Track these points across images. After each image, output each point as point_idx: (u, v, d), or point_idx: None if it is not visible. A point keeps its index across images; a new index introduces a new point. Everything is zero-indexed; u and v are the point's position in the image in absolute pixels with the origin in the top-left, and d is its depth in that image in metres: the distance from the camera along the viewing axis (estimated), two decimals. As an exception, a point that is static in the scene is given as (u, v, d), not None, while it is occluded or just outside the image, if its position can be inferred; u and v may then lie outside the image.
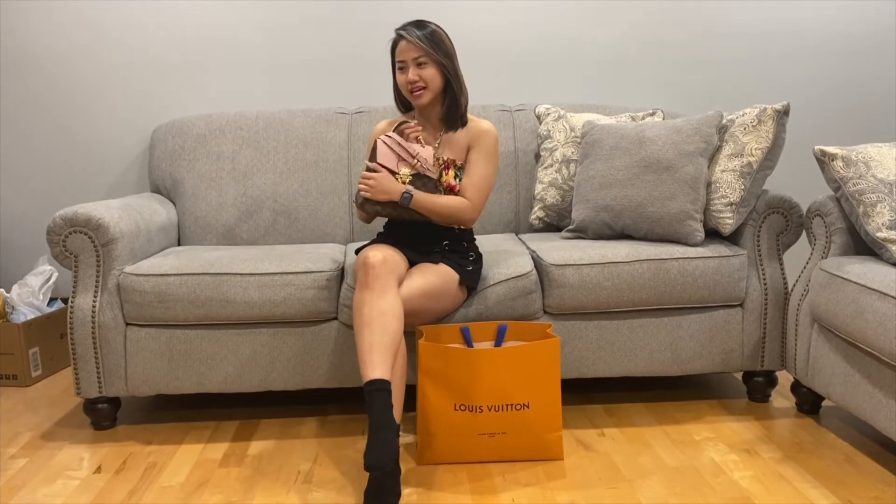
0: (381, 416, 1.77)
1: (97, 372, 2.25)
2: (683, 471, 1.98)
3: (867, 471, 1.96)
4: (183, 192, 2.82)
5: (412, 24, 2.17)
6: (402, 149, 2.14)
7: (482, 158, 2.22)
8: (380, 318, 1.89)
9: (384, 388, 1.80)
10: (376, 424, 1.76)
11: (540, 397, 2.01)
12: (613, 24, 3.12)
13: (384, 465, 1.74)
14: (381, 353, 1.85)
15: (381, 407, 1.78)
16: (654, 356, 2.34)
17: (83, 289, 2.24)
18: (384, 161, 2.14)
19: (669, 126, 2.45)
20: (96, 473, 2.04)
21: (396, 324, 1.90)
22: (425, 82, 2.15)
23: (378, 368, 1.83)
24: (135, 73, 3.05)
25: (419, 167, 2.14)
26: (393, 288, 1.96)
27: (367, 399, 1.80)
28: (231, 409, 2.44)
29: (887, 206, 2.06)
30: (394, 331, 1.89)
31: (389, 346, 1.87)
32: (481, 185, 2.21)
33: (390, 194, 2.10)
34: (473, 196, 2.20)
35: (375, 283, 1.93)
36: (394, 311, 1.91)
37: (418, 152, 2.14)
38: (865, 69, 3.20)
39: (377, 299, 1.91)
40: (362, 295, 1.94)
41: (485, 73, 3.08)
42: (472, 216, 2.21)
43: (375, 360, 1.84)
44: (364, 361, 1.85)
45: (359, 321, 1.91)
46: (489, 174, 2.23)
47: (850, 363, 2.03)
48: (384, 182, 2.11)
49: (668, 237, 2.39)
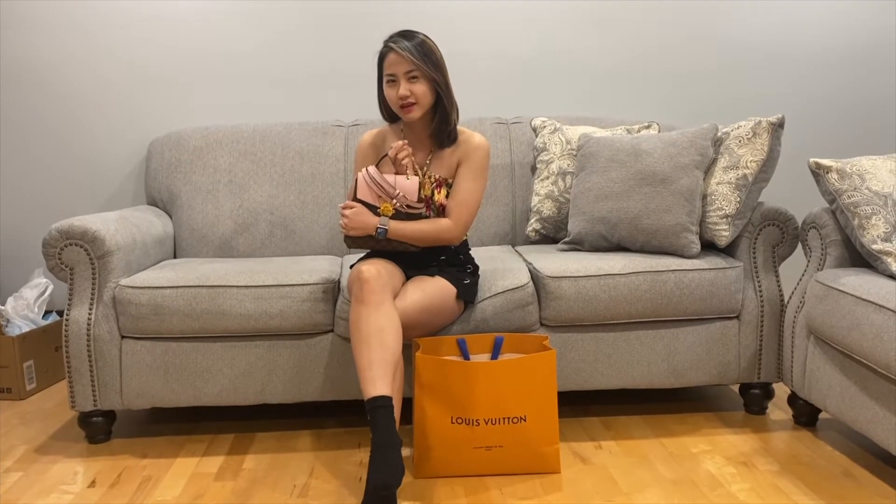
0: (385, 434, 1.75)
1: (92, 385, 2.24)
2: (681, 483, 1.97)
3: (864, 483, 1.95)
4: (179, 205, 2.82)
5: (400, 35, 2.08)
6: (380, 186, 2.05)
7: (470, 175, 2.15)
8: (377, 333, 1.87)
9: (387, 405, 1.78)
10: (381, 443, 1.74)
11: (537, 410, 2.01)
12: (609, 37, 3.13)
13: (392, 487, 1.72)
14: (381, 369, 1.82)
15: (385, 425, 1.76)
16: (651, 368, 2.34)
17: (78, 301, 2.24)
18: (363, 196, 2.06)
19: (665, 139, 2.46)
20: (91, 488, 2.02)
21: (395, 337, 1.88)
22: (416, 98, 2.06)
23: (379, 385, 1.80)
24: (132, 86, 3.05)
25: (398, 206, 2.06)
26: (388, 301, 1.93)
27: (371, 417, 1.78)
28: (227, 423, 2.43)
29: (882, 219, 2.07)
30: (392, 345, 1.87)
31: (389, 361, 1.85)
32: (467, 203, 2.14)
33: (366, 229, 2.04)
34: (457, 214, 2.12)
35: (370, 297, 1.91)
36: (391, 324, 1.89)
37: (398, 190, 2.05)
38: (860, 82, 3.22)
39: (373, 314, 1.89)
40: (358, 310, 1.92)
41: (481, 85, 3.09)
42: (455, 235, 2.14)
43: (376, 376, 1.82)
44: (364, 378, 1.83)
45: (356, 337, 1.89)
46: (476, 190, 2.15)
47: (846, 375, 2.03)
48: (358, 217, 2.04)
49: (665, 249, 2.39)
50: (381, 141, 2.25)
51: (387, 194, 2.05)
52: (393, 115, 2.21)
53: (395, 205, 2.06)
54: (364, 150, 2.26)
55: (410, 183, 2.07)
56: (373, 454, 1.75)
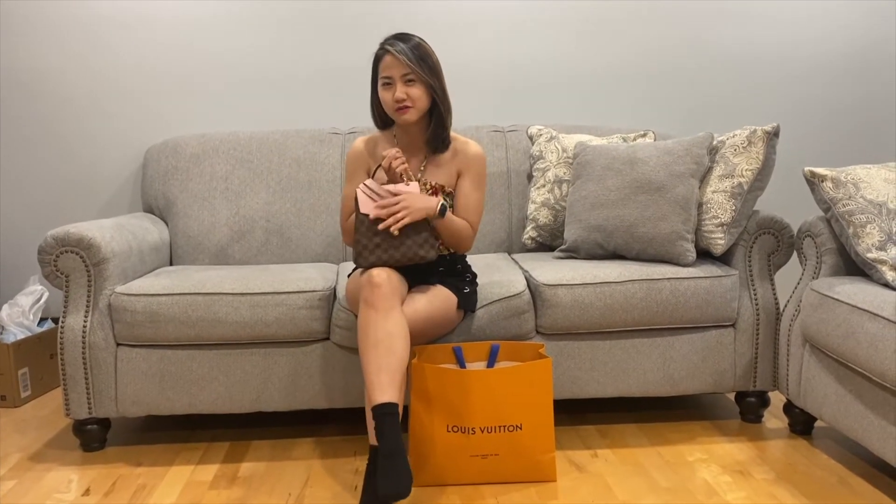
0: (392, 442, 1.72)
1: (87, 392, 2.24)
2: (676, 492, 1.97)
3: (860, 492, 1.95)
4: (175, 212, 2.81)
5: (396, 38, 2.06)
6: (380, 196, 2.00)
7: (475, 185, 2.17)
8: (387, 339, 1.84)
9: (394, 413, 1.76)
10: (388, 451, 1.72)
11: (532, 418, 2.00)
12: (605, 45, 3.14)
13: (402, 495, 1.69)
14: (389, 376, 1.80)
15: (392, 432, 1.74)
16: (647, 376, 2.34)
17: (74, 309, 2.23)
18: (366, 210, 1.99)
19: (661, 147, 2.47)
20: (85, 496, 2.02)
21: (403, 344, 1.86)
22: (412, 101, 2.03)
23: (388, 391, 1.79)
24: (129, 93, 3.05)
25: None
26: (398, 308, 1.91)
27: (377, 424, 1.76)
28: (222, 430, 2.43)
29: (877, 227, 2.08)
30: (401, 352, 1.85)
31: (398, 368, 1.83)
32: (477, 212, 2.17)
33: (427, 209, 2.00)
34: (475, 223, 2.17)
35: (381, 302, 1.88)
36: (400, 331, 1.87)
37: (401, 193, 2.00)
38: (855, 91, 3.24)
39: (383, 320, 1.87)
40: (367, 315, 1.89)
41: (478, 94, 3.10)
42: (472, 243, 2.18)
43: (384, 382, 1.79)
44: (372, 384, 1.80)
45: (364, 342, 1.86)
46: (481, 199, 2.19)
47: (841, 384, 2.04)
48: (414, 200, 1.98)
49: (660, 257, 2.40)
50: (373, 147, 2.20)
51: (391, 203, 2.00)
52: (385, 120, 2.18)
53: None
54: (358, 156, 2.19)
55: (412, 188, 2.02)
56: (378, 462, 1.72)
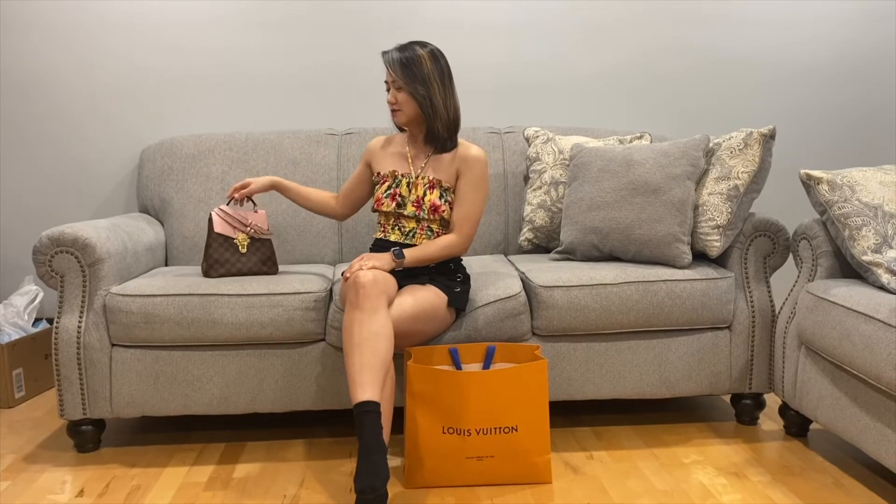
0: (371, 439, 1.76)
1: (82, 393, 2.23)
2: (672, 494, 1.97)
3: (855, 494, 1.96)
4: (171, 213, 2.81)
5: (396, 47, 2.19)
6: (234, 218, 2.35)
7: (472, 188, 2.22)
8: (371, 338, 1.87)
9: (374, 411, 1.79)
10: (367, 448, 1.75)
11: (528, 420, 2.00)
12: (602, 48, 3.15)
13: (377, 490, 1.72)
14: (371, 375, 1.83)
15: (371, 430, 1.77)
16: (643, 378, 2.34)
17: (69, 309, 2.23)
18: (221, 230, 2.33)
19: (657, 149, 2.47)
20: (79, 497, 2.01)
21: (387, 345, 1.89)
22: (399, 105, 2.19)
23: (368, 390, 1.81)
24: (125, 94, 3.05)
25: (252, 233, 2.36)
26: (383, 308, 1.94)
27: (357, 421, 1.78)
28: (217, 432, 2.42)
29: (872, 230, 2.08)
30: (384, 352, 1.88)
31: (380, 368, 1.85)
32: (470, 216, 2.22)
33: (382, 261, 2.10)
34: (465, 228, 2.21)
35: (366, 302, 1.91)
36: (384, 331, 1.90)
37: (251, 220, 2.36)
38: (851, 94, 3.24)
39: (368, 320, 1.90)
40: (352, 315, 1.92)
41: (475, 96, 3.10)
42: (463, 248, 2.23)
43: (366, 381, 1.82)
44: (354, 382, 1.83)
45: (349, 342, 1.90)
46: (479, 202, 2.23)
47: (837, 386, 2.04)
48: (369, 257, 2.12)
49: (656, 259, 2.40)
50: (385, 145, 2.36)
51: (241, 224, 2.35)
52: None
53: (250, 233, 2.36)
54: (369, 150, 2.38)
55: (260, 214, 2.40)
56: (359, 459, 1.75)
